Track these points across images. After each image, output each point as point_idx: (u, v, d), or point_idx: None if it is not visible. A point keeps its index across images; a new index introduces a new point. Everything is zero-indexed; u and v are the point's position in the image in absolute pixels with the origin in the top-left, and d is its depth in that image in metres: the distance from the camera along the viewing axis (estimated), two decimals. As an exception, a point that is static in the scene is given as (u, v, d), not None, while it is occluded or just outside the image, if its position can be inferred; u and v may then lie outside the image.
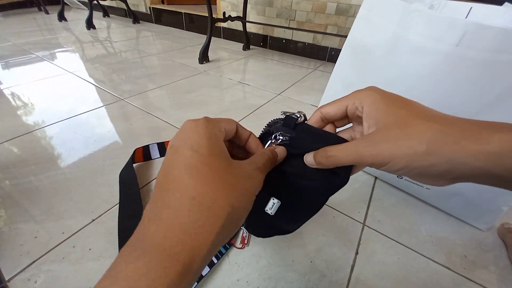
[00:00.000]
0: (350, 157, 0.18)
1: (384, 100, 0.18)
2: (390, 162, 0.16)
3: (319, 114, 0.22)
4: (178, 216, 0.14)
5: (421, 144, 0.15)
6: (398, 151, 0.16)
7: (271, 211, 0.24)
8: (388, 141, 0.17)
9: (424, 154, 0.15)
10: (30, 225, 0.42)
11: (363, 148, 0.17)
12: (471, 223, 0.47)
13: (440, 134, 0.15)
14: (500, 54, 0.32)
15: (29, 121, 0.70)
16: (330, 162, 0.19)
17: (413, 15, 0.36)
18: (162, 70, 1.13)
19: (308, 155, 0.21)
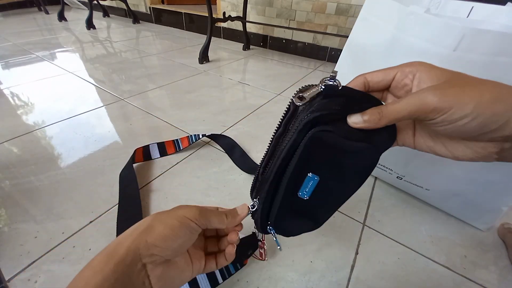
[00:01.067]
0: (411, 106, 0.17)
1: (438, 69, 0.18)
2: (455, 107, 0.15)
3: (362, 79, 0.21)
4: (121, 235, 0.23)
5: (489, 91, 0.15)
6: (465, 96, 0.15)
7: (306, 194, 0.22)
8: (453, 87, 0.16)
9: (492, 101, 0.15)
10: (30, 225, 0.42)
11: (427, 93, 0.16)
12: (471, 223, 0.47)
13: (503, 86, 0.15)
14: (498, 57, 0.32)
15: (29, 121, 0.70)
16: (384, 117, 0.18)
17: (410, 18, 0.36)
18: (162, 70, 1.13)
19: (354, 115, 0.19)
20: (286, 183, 0.22)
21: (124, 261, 0.19)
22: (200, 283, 0.33)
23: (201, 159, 0.60)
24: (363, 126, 0.19)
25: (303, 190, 0.22)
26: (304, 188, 0.22)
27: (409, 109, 0.17)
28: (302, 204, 0.23)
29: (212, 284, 0.34)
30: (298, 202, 0.23)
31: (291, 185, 0.22)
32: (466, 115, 0.15)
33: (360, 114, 0.19)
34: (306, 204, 0.24)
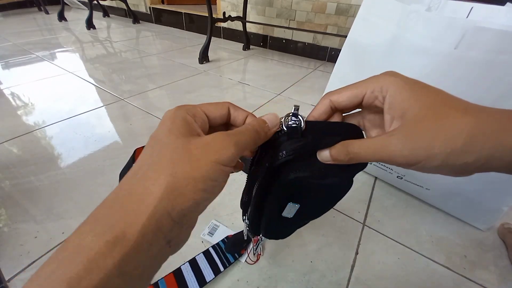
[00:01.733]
0: (377, 156, 0.16)
1: (409, 87, 0.16)
2: (424, 161, 0.15)
3: (328, 102, 0.20)
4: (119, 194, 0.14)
5: (459, 140, 0.14)
6: (433, 149, 0.15)
7: (290, 215, 0.24)
8: (420, 137, 0.15)
9: (461, 152, 0.14)
10: (30, 225, 0.42)
11: (393, 145, 0.16)
12: (471, 223, 0.47)
13: (477, 129, 0.14)
14: (499, 55, 0.32)
15: (29, 121, 0.70)
16: (351, 158, 0.17)
17: (412, 16, 0.36)
18: (162, 70, 1.13)
19: (323, 152, 0.19)
20: (269, 210, 0.24)
21: (138, 248, 0.13)
22: (203, 271, 0.35)
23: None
24: (333, 163, 0.18)
25: (286, 213, 0.24)
26: (287, 212, 0.24)
27: (378, 157, 0.16)
28: (288, 220, 0.26)
29: (214, 272, 0.35)
30: (284, 219, 0.25)
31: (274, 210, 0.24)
32: (437, 166, 0.15)
33: (328, 151, 0.18)
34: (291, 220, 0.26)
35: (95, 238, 0.12)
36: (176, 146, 0.15)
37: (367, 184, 0.55)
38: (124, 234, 0.12)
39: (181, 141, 0.15)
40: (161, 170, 0.14)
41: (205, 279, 0.34)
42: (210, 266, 0.35)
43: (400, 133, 0.16)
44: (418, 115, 0.15)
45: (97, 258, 0.12)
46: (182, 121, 0.16)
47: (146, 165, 0.15)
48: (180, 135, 0.15)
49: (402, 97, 0.16)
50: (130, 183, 0.15)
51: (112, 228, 0.13)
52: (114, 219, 0.13)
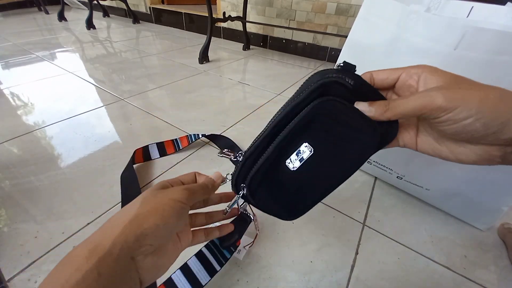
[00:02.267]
0: (418, 102, 0.17)
1: (441, 71, 0.19)
2: (461, 106, 0.16)
3: (369, 75, 0.22)
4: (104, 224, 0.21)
5: (493, 92, 0.16)
6: (470, 96, 0.16)
7: (294, 165, 0.21)
8: (459, 88, 0.16)
9: (496, 100, 0.16)
10: (30, 225, 0.42)
11: (434, 91, 0.17)
12: (471, 223, 0.47)
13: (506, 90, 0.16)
14: (499, 55, 0.32)
15: (29, 121, 0.70)
16: (391, 108, 0.18)
17: (411, 17, 0.36)
18: (162, 70, 1.13)
19: (361, 103, 0.20)
20: (279, 141, 0.21)
21: (110, 256, 0.17)
22: (197, 274, 0.32)
23: (201, 160, 0.60)
24: (370, 116, 0.19)
25: (293, 159, 0.21)
26: (295, 156, 0.21)
27: (416, 105, 0.17)
28: (285, 176, 0.22)
29: (210, 274, 0.33)
30: (282, 172, 0.22)
31: (283, 146, 0.21)
32: (471, 115, 0.16)
33: (368, 103, 0.19)
34: (289, 179, 0.22)
35: (83, 249, 0.18)
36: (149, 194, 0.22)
37: (367, 184, 0.55)
38: (101, 244, 0.18)
39: (153, 192, 0.23)
40: (134, 207, 0.21)
41: (200, 284, 0.32)
42: (205, 268, 0.33)
43: (439, 87, 0.17)
44: (451, 83, 0.17)
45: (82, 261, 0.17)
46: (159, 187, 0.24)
47: (128, 206, 0.22)
48: (155, 190, 0.23)
49: (436, 76, 0.18)
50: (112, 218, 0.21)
51: (93, 241, 0.18)
52: (96, 236, 0.19)
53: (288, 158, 0.21)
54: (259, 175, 0.23)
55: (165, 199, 0.21)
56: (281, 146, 0.21)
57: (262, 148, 0.22)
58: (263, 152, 0.22)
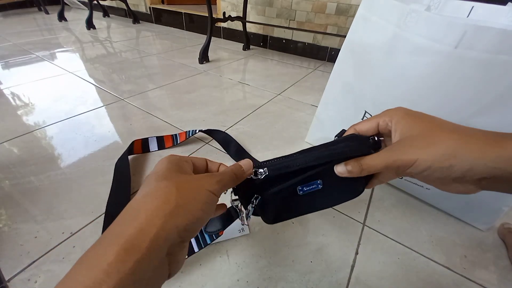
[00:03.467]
0: (382, 163, 0.21)
1: (409, 116, 0.21)
2: (415, 163, 0.19)
3: (353, 130, 0.25)
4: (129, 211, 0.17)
5: (443, 148, 0.18)
6: (423, 153, 0.19)
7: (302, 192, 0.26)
8: (414, 146, 0.19)
9: (447, 156, 0.18)
10: (30, 225, 0.42)
11: (392, 153, 0.20)
12: (471, 223, 0.47)
13: (461, 141, 0.18)
14: (499, 55, 0.32)
15: (29, 121, 0.70)
16: (363, 169, 0.22)
17: (412, 16, 0.36)
18: (162, 70, 1.13)
19: (339, 166, 0.23)
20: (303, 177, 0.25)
21: (149, 257, 0.15)
22: None
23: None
24: (347, 175, 0.23)
25: (303, 188, 0.26)
26: (307, 186, 0.25)
27: (382, 166, 0.21)
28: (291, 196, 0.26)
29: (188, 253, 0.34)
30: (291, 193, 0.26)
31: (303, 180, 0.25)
32: (427, 168, 0.19)
33: (344, 164, 0.23)
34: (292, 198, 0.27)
35: (115, 247, 0.14)
36: (179, 179, 0.19)
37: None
38: (139, 242, 0.15)
39: (182, 176, 0.20)
40: (171, 193, 0.17)
41: None
42: None
43: (397, 145, 0.21)
44: (413, 134, 0.20)
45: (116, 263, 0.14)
46: (176, 164, 0.21)
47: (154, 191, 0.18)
48: (179, 172, 0.20)
49: (403, 122, 0.21)
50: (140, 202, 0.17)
51: (129, 238, 0.15)
52: (130, 230, 0.15)
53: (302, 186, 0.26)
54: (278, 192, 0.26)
55: (203, 190, 0.19)
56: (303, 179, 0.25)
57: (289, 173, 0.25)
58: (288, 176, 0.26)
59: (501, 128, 0.36)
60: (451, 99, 0.37)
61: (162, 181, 0.18)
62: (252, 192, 0.26)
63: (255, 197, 0.27)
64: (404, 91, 0.41)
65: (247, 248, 0.41)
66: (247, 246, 0.41)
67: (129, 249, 0.14)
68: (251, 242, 0.42)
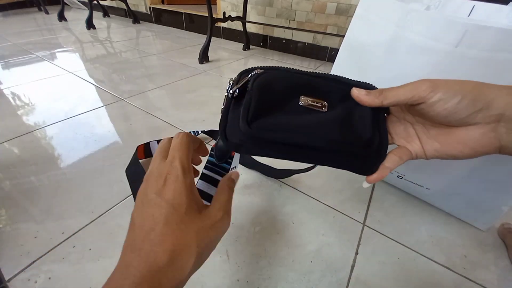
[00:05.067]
0: (408, 88, 0.20)
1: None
2: (446, 88, 0.18)
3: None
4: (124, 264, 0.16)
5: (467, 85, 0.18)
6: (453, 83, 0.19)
7: (302, 103, 0.21)
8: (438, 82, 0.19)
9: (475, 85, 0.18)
10: (30, 225, 0.42)
11: (420, 81, 0.19)
12: (471, 223, 0.47)
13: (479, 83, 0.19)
14: (500, 53, 0.32)
15: (29, 121, 0.70)
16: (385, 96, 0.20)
17: (411, 15, 0.36)
18: (162, 70, 1.13)
19: (356, 89, 0.22)
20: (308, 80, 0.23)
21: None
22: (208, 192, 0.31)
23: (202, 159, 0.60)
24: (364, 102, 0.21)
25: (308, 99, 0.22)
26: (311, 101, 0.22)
27: (406, 92, 0.20)
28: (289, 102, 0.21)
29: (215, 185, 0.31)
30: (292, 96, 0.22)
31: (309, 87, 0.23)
32: (457, 94, 0.18)
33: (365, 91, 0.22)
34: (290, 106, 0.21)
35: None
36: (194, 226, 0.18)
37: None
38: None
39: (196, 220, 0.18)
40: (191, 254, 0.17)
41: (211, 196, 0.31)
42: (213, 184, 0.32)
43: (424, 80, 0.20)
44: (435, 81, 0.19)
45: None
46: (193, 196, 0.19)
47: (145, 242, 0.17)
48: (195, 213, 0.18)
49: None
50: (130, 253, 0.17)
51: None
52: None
53: (304, 96, 0.22)
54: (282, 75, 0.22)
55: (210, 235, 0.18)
56: (312, 84, 0.22)
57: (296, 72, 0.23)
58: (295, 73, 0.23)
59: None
60: (451, 99, 0.37)
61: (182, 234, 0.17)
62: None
63: (254, 71, 0.22)
64: (404, 91, 0.41)
65: (247, 248, 0.41)
66: (247, 246, 0.41)
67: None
68: (251, 242, 0.42)
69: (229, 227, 0.20)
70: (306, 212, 0.48)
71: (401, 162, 0.22)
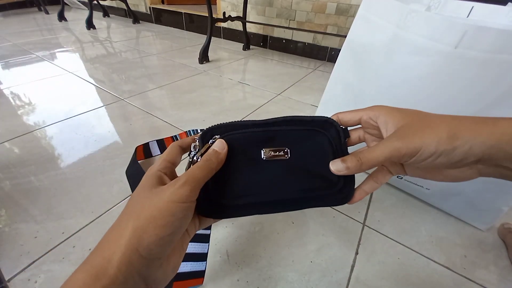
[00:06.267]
0: (385, 153, 0.20)
1: (396, 110, 0.22)
2: (422, 149, 0.19)
3: (336, 117, 0.25)
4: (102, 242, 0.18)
5: (444, 131, 0.18)
6: (426, 139, 0.19)
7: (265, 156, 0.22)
8: (415, 133, 0.19)
9: (448, 138, 0.18)
10: (30, 225, 0.42)
11: (394, 142, 0.20)
12: (471, 223, 0.47)
13: (456, 123, 0.19)
14: (499, 54, 0.32)
15: (29, 121, 0.70)
16: (363, 163, 0.20)
17: (412, 16, 0.36)
18: (162, 70, 1.13)
19: (335, 162, 0.22)
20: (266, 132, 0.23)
21: (115, 281, 0.16)
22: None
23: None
24: (346, 173, 0.21)
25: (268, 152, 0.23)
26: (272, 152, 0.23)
27: (385, 156, 0.20)
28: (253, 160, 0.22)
29: None
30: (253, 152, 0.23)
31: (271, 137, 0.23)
32: (432, 154, 0.19)
33: (340, 161, 0.22)
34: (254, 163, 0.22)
35: (84, 274, 0.16)
36: (142, 196, 0.19)
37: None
38: (105, 270, 0.16)
39: (147, 193, 0.19)
40: (130, 217, 0.18)
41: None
42: None
43: (397, 134, 0.20)
44: (408, 123, 0.20)
45: None
46: (152, 177, 0.21)
47: (121, 216, 0.19)
48: (148, 188, 0.20)
49: (393, 115, 0.21)
50: (109, 233, 0.19)
51: (96, 266, 0.16)
52: (96, 258, 0.17)
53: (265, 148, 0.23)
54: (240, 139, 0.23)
55: (164, 204, 0.18)
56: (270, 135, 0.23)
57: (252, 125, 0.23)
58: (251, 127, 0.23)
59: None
60: (452, 99, 0.37)
61: (130, 206, 0.19)
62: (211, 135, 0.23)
63: (213, 138, 0.23)
64: (404, 90, 0.41)
65: (247, 248, 0.41)
66: (247, 246, 0.41)
67: (96, 276, 0.16)
68: (251, 242, 0.42)
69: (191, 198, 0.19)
70: (306, 212, 0.48)
71: (379, 186, 0.24)
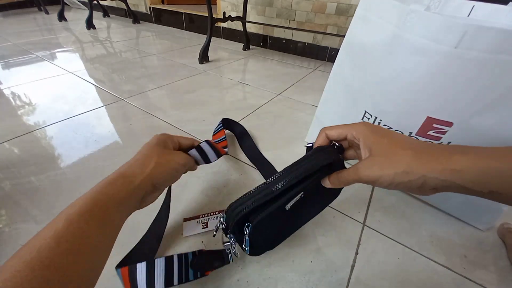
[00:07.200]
0: (354, 178, 0.26)
1: (374, 134, 0.26)
2: (379, 180, 0.24)
3: (324, 134, 0.30)
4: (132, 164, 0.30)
5: (402, 166, 0.23)
6: (384, 172, 0.23)
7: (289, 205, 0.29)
8: (376, 165, 0.24)
9: (404, 173, 0.22)
10: (30, 225, 0.42)
11: (360, 171, 0.25)
12: (471, 223, 0.47)
13: (415, 157, 0.23)
14: (500, 54, 0.32)
15: (29, 121, 0.70)
16: (341, 182, 0.28)
17: (411, 16, 0.36)
18: (162, 70, 1.13)
19: (324, 180, 0.30)
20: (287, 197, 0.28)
21: (138, 188, 0.28)
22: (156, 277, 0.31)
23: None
24: (331, 187, 0.30)
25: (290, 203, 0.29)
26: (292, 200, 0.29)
27: (354, 180, 0.26)
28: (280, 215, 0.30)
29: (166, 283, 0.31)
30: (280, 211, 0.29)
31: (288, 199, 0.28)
32: (390, 184, 0.23)
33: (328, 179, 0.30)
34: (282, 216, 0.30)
35: (122, 180, 0.27)
36: (161, 151, 0.32)
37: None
38: (133, 180, 0.28)
39: (161, 149, 0.33)
40: (153, 157, 0.31)
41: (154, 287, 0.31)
42: (165, 275, 0.31)
43: (364, 163, 0.25)
44: (376, 152, 0.25)
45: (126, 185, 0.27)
46: (163, 141, 0.34)
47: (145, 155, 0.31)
48: (162, 147, 0.33)
49: (370, 141, 0.26)
50: (140, 157, 0.30)
51: (129, 176, 0.28)
52: (129, 172, 0.28)
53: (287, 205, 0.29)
54: (268, 215, 0.28)
55: (175, 163, 0.32)
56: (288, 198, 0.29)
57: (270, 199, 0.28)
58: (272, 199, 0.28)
59: (502, 128, 0.36)
60: (452, 99, 0.37)
61: (150, 152, 0.31)
62: (243, 221, 0.29)
63: (246, 225, 0.29)
64: (404, 91, 0.41)
65: (247, 248, 0.41)
66: (247, 246, 0.41)
67: (128, 182, 0.27)
68: (251, 242, 0.42)
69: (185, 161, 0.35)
70: (306, 212, 0.48)
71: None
